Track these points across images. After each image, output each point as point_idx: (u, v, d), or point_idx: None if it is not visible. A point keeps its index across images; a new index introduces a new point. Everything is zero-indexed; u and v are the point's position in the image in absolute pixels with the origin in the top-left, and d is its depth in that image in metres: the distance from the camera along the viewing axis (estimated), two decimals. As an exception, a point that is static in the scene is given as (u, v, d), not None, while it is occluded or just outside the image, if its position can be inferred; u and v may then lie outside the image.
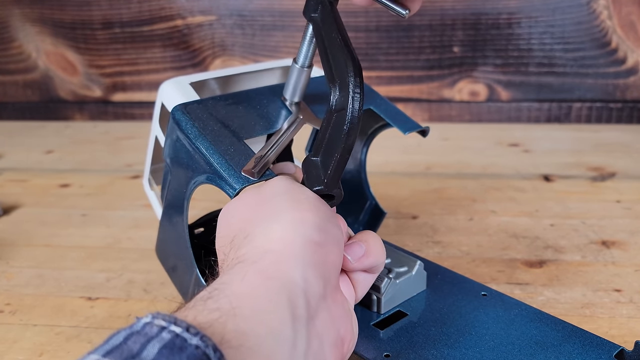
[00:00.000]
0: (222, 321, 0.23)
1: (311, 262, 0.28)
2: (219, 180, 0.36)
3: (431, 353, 0.35)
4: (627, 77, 0.99)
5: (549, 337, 0.36)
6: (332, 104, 0.32)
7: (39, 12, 1.13)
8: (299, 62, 0.39)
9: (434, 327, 0.38)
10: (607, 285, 0.51)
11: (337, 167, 0.31)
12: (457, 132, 1.01)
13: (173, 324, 0.21)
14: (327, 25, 0.34)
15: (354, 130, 0.30)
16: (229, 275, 0.27)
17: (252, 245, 0.29)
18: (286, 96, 0.41)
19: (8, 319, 0.50)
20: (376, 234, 0.35)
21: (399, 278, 0.40)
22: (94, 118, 1.19)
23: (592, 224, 0.63)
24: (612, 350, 0.34)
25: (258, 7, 1.05)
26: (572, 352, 0.34)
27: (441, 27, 1.01)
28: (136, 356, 0.20)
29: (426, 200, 0.72)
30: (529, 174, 0.80)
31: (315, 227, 0.29)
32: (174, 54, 1.11)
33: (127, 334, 0.21)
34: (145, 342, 0.21)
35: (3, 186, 0.84)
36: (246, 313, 0.24)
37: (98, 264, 0.60)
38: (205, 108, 0.40)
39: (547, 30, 0.98)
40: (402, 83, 1.05)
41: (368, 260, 0.33)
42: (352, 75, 0.30)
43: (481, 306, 0.40)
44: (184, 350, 0.20)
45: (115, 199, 0.77)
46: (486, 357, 0.34)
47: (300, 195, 0.31)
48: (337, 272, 0.30)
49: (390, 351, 0.35)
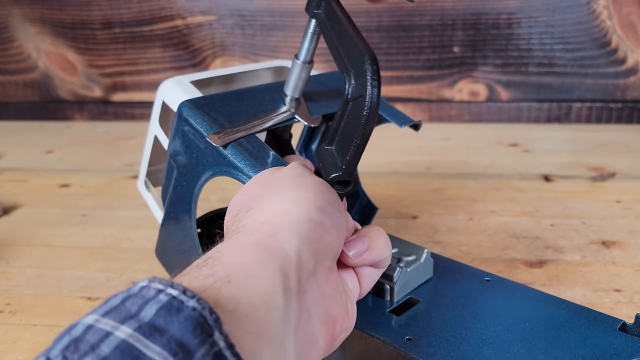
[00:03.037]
0: (217, 287, 0.24)
1: (306, 238, 0.28)
2: (234, 170, 0.37)
3: (450, 334, 0.36)
4: (627, 77, 0.99)
5: (556, 315, 0.38)
6: (348, 92, 0.33)
7: (39, 12, 1.13)
8: (300, 57, 0.40)
9: (447, 311, 0.39)
10: (607, 285, 0.51)
11: (355, 153, 0.32)
12: (457, 132, 1.01)
13: (170, 287, 0.22)
14: (334, 19, 0.34)
15: (373, 115, 0.31)
16: (224, 245, 0.28)
17: (252, 218, 0.30)
18: (287, 92, 0.42)
19: (8, 319, 0.50)
20: (381, 229, 0.35)
21: (409, 266, 0.41)
22: (94, 118, 1.19)
23: (592, 224, 0.63)
24: (615, 324, 0.36)
25: (258, 7, 1.05)
26: (579, 327, 0.36)
27: (441, 27, 1.01)
28: (134, 316, 0.20)
29: (426, 200, 0.72)
30: (529, 174, 0.80)
31: (315, 207, 0.30)
32: (174, 54, 1.11)
33: (124, 296, 0.22)
34: (143, 303, 0.21)
35: (3, 186, 0.84)
36: (240, 280, 0.24)
37: (98, 264, 0.60)
38: (211, 104, 0.41)
39: (547, 30, 0.98)
40: (402, 83, 1.05)
41: (370, 256, 0.33)
42: (369, 63, 0.31)
43: (487, 290, 0.41)
44: (181, 311, 0.21)
45: (115, 199, 0.77)
46: (502, 336, 0.36)
47: (306, 179, 0.32)
48: (332, 254, 0.31)
49: (411, 335, 0.37)
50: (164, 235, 0.47)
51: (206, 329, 0.20)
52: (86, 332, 0.20)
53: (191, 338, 0.20)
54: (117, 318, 0.20)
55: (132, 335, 0.19)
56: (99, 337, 0.19)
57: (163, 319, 0.20)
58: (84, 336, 0.20)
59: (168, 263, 0.49)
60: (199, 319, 0.21)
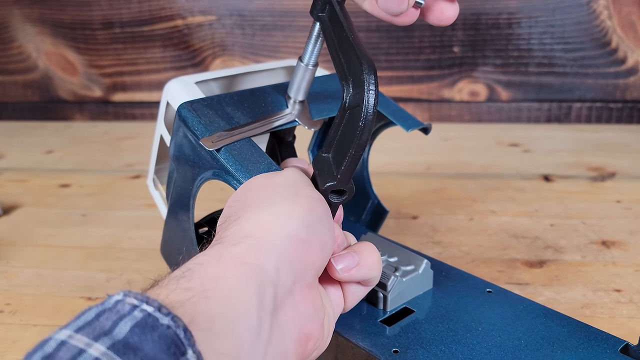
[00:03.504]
0: (194, 301, 0.23)
1: (288, 256, 0.28)
2: (226, 175, 0.37)
3: (439, 349, 0.35)
4: (627, 77, 0.99)
5: (554, 333, 0.36)
6: (346, 101, 0.32)
7: (39, 12, 1.13)
8: (304, 60, 0.39)
9: (441, 323, 0.38)
10: (607, 285, 0.51)
11: (350, 163, 0.32)
12: (457, 132, 1.01)
13: (145, 303, 0.21)
14: (336, 24, 0.34)
15: (368, 126, 0.31)
16: (205, 257, 0.27)
17: (237, 228, 0.29)
18: (290, 94, 0.41)
19: (8, 319, 0.50)
20: (374, 247, 0.34)
21: (405, 276, 0.40)
22: (94, 118, 1.19)
23: (592, 224, 0.63)
24: (617, 345, 0.35)
25: (258, 7, 1.05)
26: (577, 346, 0.35)
27: (441, 27, 1.01)
28: (108, 333, 0.20)
29: (426, 200, 0.72)
30: (529, 174, 0.80)
31: (302, 224, 0.29)
32: (174, 54, 1.11)
33: (98, 310, 0.21)
34: (117, 319, 0.21)
35: (3, 186, 0.84)
36: (217, 296, 0.24)
37: (98, 264, 0.60)
38: (210, 105, 0.41)
39: (547, 30, 0.98)
40: (402, 83, 1.05)
41: (359, 273, 0.32)
42: (367, 73, 0.30)
43: (487, 303, 0.40)
44: (155, 329, 0.20)
45: (115, 199, 0.77)
46: (493, 352, 0.34)
47: (301, 191, 0.31)
48: (314, 271, 0.30)
49: (399, 347, 0.36)
50: (166, 234, 0.48)
51: (180, 348, 0.20)
52: (59, 349, 0.19)
53: (164, 357, 0.20)
54: (91, 335, 0.20)
55: (105, 354, 0.19)
56: (71, 354, 0.19)
57: (137, 337, 0.20)
58: (57, 353, 0.19)
59: (171, 261, 0.49)
60: (173, 337, 0.20)
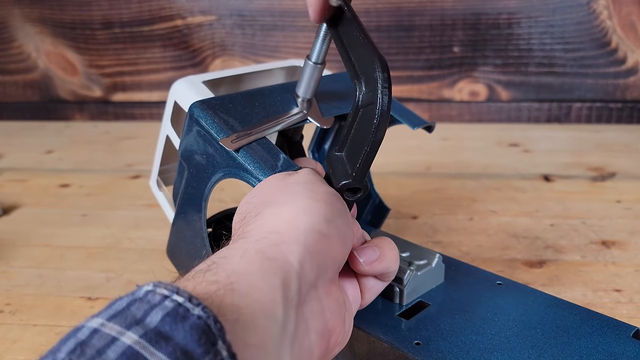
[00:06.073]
0: (220, 294, 0.24)
1: (311, 250, 0.28)
2: (244, 173, 0.37)
3: (460, 339, 0.36)
4: (627, 77, 0.99)
5: (567, 321, 0.37)
6: (359, 99, 0.32)
7: (39, 12, 1.13)
8: (312, 58, 0.39)
9: (458, 315, 0.38)
10: (607, 285, 0.51)
11: (365, 161, 0.32)
12: (457, 132, 1.01)
13: (175, 293, 0.22)
14: (345, 24, 0.34)
15: (383, 123, 0.31)
16: (229, 250, 0.27)
17: (259, 223, 0.29)
18: (298, 93, 0.41)
19: (8, 319, 0.50)
20: (392, 241, 0.35)
21: (420, 270, 0.41)
22: (94, 118, 1.19)
23: (592, 224, 0.63)
24: (629, 331, 0.36)
25: (258, 7, 1.05)
26: (592, 333, 0.36)
27: (441, 27, 1.01)
28: (140, 322, 0.20)
29: (426, 200, 0.72)
30: (529, 174, 0.80)
31: (323, 218, 0.30)
32: (174, 54, 1.11)
33: (129, 300, 0.21)
34: (149, 309, 0.21)
35: (3, 186, 0.84)
36: (243, 289, 0.24)
37: (98, 264, 0.60)
38: (222, 105, 0.41)
39: (547, 30, 0.98)
40: (402, 83, 1.05)
41: (380, 266, 0.33)
42: (380, 71, 0.30)
43: (498, 294, 0.41)
44: (186, 319, 0.21)
45: (115, 199, 0.77)
46: (512, 341, 0.35)
47: (317, 188, 0.32)
48: (335, 266, 0.31)
49: (420, 339, 0.36)
50: (175, 235, 0.47)
51: (210, 338, 0.20)
52: (92, 336, 0.20)
53: (196, 347, 0.20)
54: (123, 323, 0.20)
55: (137, 342, 0.19)
56: (104, 342, 0.19)
57: (169, 326, 0.20)
58: (90, 340, 0.19)
59: (179, 263, 0.49)
60: (204, 327, 0.21)
